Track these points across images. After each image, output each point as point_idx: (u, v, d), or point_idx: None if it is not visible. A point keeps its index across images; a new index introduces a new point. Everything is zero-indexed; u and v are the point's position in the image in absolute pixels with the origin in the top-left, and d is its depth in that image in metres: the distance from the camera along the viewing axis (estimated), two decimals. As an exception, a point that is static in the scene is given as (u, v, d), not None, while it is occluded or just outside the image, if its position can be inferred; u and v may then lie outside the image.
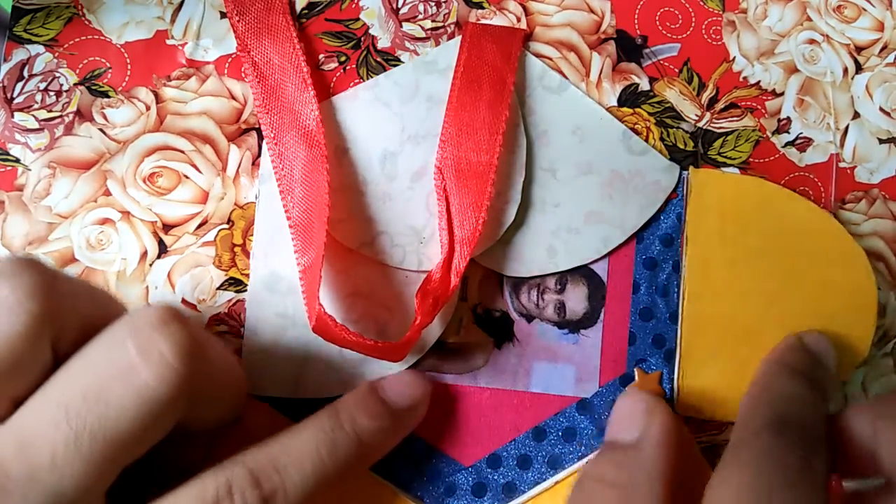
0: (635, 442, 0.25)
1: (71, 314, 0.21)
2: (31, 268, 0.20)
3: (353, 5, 0.30)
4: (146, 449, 0.21)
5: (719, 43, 0.31)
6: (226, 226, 0.29)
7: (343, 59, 0.29)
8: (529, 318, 0.29)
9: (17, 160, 0.28)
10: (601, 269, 0.29)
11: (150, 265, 0.28)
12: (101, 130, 0.29)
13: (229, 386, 0.24)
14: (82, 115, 0.29)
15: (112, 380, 0.20)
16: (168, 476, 0.22)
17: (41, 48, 0.29)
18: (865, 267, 0.29)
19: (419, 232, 0.29)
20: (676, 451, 0.25)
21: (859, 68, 0.31)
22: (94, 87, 0.29)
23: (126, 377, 0.20)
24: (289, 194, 0.28)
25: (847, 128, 0.31)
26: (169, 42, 0.29)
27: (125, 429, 0.20)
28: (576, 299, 0.29)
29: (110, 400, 0.20)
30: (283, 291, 0.28)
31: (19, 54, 0.28)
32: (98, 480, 0.20)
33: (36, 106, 0.28)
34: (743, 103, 0.31)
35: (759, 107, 0.31)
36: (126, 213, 0.28)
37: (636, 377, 0.29)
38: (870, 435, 0.25)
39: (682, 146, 0.30)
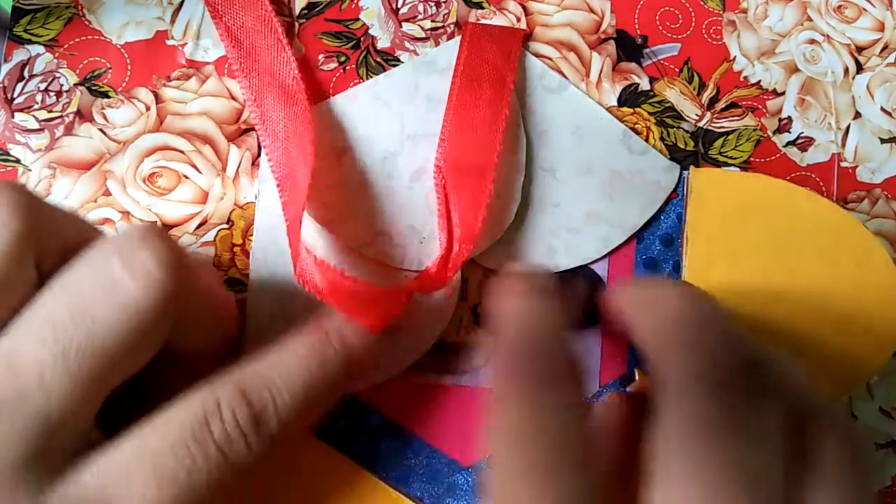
0: None
1: (54, 235, 0.21)
2: (14, 188, 0.20)
3: (353, 5, 0.30)
4: (135, 369, 0.21)
5: (720, 43, 0.31)
6: (225, 226, 0.29)
7: (343, 59, 0.29)
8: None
9: (18, 160, 0.28)
10: (601, 269, 0.29)
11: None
12: (102, 131, 0.29)
13: (218, 307, 0.24)
14: (82, 115, 0.29)
15: (98, 295, 0.20)
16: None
17: (41, 48, 0.29)
18: (884, 260, 0.29)
19: (419, 231, 0.28)
20: None
21: (860, 68, 0.31)
22: (94, 88, 0.29)
23: (111, 291, 0.20)
24: (273, 152, 0.27)
25: (848, 127, 0.31)
26: (169, 42, 0.29)
27: (113, 344, 0.20)
28: (576, 299, 0.29)
29: (97, 314, 0.20)
30: (283, 291, 0.28)
31: (19, 55, 0.29)
32: (86, 400, 0.20)
33: (36, 106, 0.28)
34: (744, 103, 0.31)
35: (759, 106, 0.31)
36: (126, 214, 0.28)
37: (636, 377, 0.29)
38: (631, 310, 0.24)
39: (682, 146, 0.30)
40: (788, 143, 0.31)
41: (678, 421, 0.20)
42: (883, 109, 0.31)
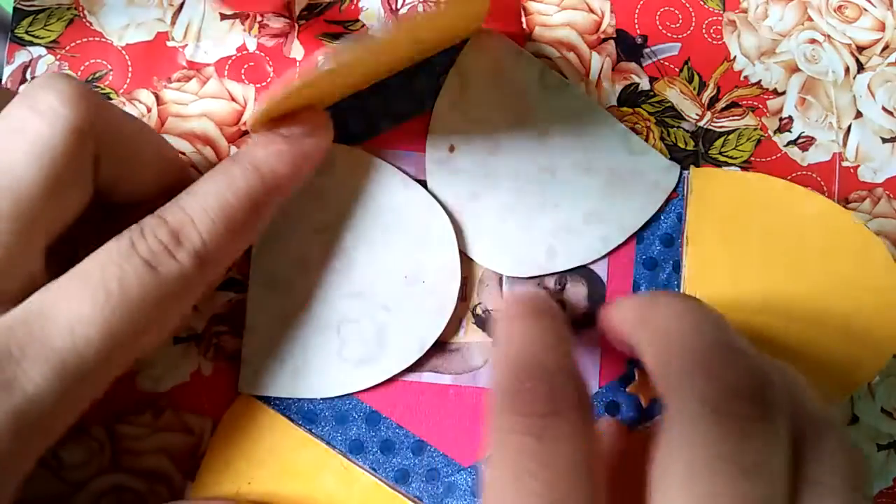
0: None
1: None
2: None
3: (353, 6, 0.30)
4: (68, 212, 0.23)
5: (720, 42, 0.31)
6: (226, 226, 0.29)
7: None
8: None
9: (19, 162, 0.28)
10: (601, 269, 0.29)
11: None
12: (103, 132, 0.29)
13: (142, 144, 0.25)
14: (84, 116, 0.29)
15: (7, 138, 0.21)
16: None
17: (43, 50, 0.29)
18: (885, 259, 0.29)
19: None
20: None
21: (861, 68, 0.31)
22: (95, 89, 0.29)
23: (18, 131, 0.21)
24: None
25: (850, 127, 0.31)
26: (169, 44, 0.29)
27: (30, 181, 0.21)
28: (576, 299, 0.29)
29: (7, 154, 0.21)
30: (283, 292, 0.28)
31: (21, 56, 0.29)
32: (19, 240, 0.21)
33: (38, 107, 0.29)
34: (744, 102, 0.30)
35: (760, 106, 0.31)
36: (127, 214, 0.28)
37: (636, 377, 0.29)
38: (631, 328, 0.24)
39: (682, 146, 0.30)
40: (789, 143, 0.30)
41: (685, 450, 0.20)
42: (884, 109, 0.31)
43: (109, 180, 0.24)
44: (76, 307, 0.21)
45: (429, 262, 0.28)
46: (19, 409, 0.20)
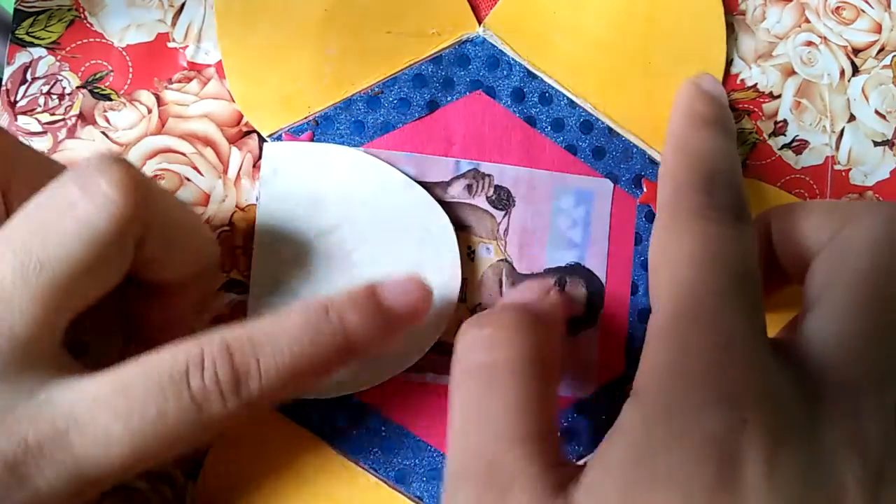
0: None
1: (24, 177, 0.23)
2: None
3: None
4: (100, 290, 0.22)
5: (717, 45, 0.31)
6: (227, 228, 0.29)
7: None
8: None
9: (20, 163, 0.28)
10: (600, 271, 0.30)
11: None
12: (104, 133, 0.29)
13: (187, 233, 0.25)
14: (85, 118, 0.29)
15: (55, 214, 0.21)
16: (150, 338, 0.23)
17: (43, 51, 0.29)
18: None
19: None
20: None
21: (856, 70, 0.31)
22: (96, 91, 0.29)
23: (68, 210, 0.21)
24: None
25: (843, 130, 0.31)
26: (170, 45, 0.29)
27: (71, 259, 0.21)
28: (574, 300, 0.29)
29: (54, 231, 0.21)
30: (284, 293, 0.28)
31: (22, 57, 0.29)
32: (48, 317, 0.21)
33: (39, 109, 0.29)
34: (740, 106, 0.31)
35: (756, 109, 0.31)
36: (128, 216, 0.29)
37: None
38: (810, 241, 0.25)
39: (679, 149, 0.30)
40: (784, 146, 0.31)
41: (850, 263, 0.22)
42: (877, 112, 0.31)
43: (147, 261, 0.23)
44: (106, 422, 0.21)
45: (429, 263, 0.29)
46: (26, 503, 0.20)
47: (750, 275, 0.23)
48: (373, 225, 0.29)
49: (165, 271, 0.25)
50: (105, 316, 0.23)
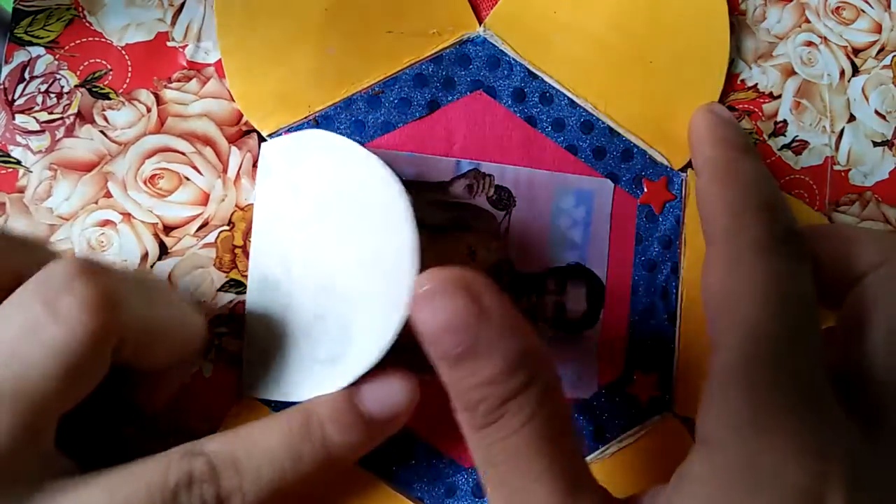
0: None
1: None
2: None
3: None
4: (80, 398, 0.22)
5: (718, 46, 0.31)
6: (227, 227, 0.29)
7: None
8: (529, 319, 0.29)
9: (19, 162, 0.28)
10: (600, 271, 0.30)
11: (151, 267, 0.28)
12: (102, 132, 0.29)
13: (169, 330, 0.24)
14: (83, 117, 0.29)
15: (23, 337, 0.20)
16: (135, 414, 0.24)
17: (42, 50, 0.28)
18: None
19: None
20: None
21: (856, 70, 0.31)
22: (94, 89, 0.29)
23: (35, 334, 0.20)
24: None
25: (842, 131, 0.31)
26: (170, 44, 0.29)
27: (45, 382, 0.21)
28: (575, 300, 0.29)
29: (24, 357, 0.20)
30: (283, 293, 0.28)
31: (20, 56, 0.28)
32: (31, 434, 0.21)
33: (37, 108, 0.28)
34: (740, 106, 0.31)
35: (756, 110, 0.31)
36: (127, 215, 0.28)
37: (635, 378, 0.29)
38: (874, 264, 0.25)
39: (680, 149, 0.30)
40: (783, 147, 0.31)
41: None
42: (877, 112, 0.31)
43: (128, 358, 0.23)
44: None
45: (385, 246, 0.26)
46: None
47: (814, 313, 0.23)
48: (338, 209, 0.27)
49: (146, 363, 0.24)
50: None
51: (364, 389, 0.25)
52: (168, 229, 0.29)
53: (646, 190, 0.30)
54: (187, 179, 0.29)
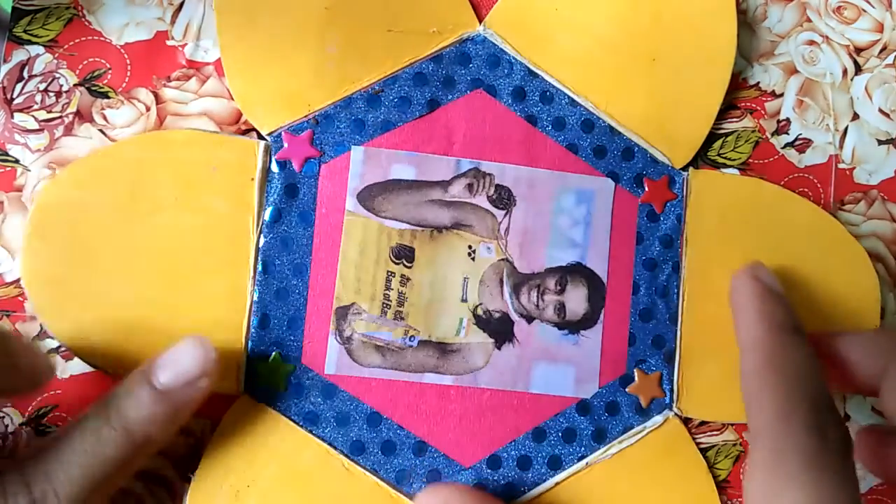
0: None
1: None
2: None
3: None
4: None
5: (719, 44, 0.31)
6: (226, 227, 0.29)
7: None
8: (530, 318, 0.29)
9: (17, 161, 0.28)
10: (601, 270, 0.29)
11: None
12: (101, 131, 0.29)
13: (12, 376, 0.24)
14: (82, 115, 0.28)
15: None
16: None
17: (41, 49, 0.28)
18: (867, 267, 0.30)
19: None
20: None
21: (859, 69, 0.31)
22: (93, 88, 0.29)
23: None
24: None
25: (846, 129, 0.31)
26: (169, 43, 0.29)
27: None
28: (576, 300, 0.29)
29: None
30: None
31: (19, 55, 0.28)
32: None
33: (36, 107, 0.28)
34: (742, 104, 0.31)
35: (758, 108, 0.31)
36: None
37: (636, 378, 0.29)
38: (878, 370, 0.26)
39: (681, 147, 0.30)
40: (787, 145, 0.31)
41: None
42: (881, 111, 0.31)
43: None
44: None
45: None
46: None
47: None
48: None
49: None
50: None
51: (153, 365, 0.25)
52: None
53: (647, 189, 0.30)
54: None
